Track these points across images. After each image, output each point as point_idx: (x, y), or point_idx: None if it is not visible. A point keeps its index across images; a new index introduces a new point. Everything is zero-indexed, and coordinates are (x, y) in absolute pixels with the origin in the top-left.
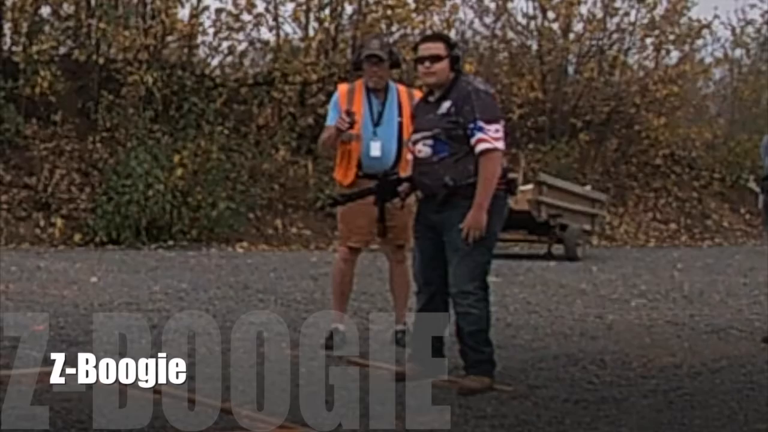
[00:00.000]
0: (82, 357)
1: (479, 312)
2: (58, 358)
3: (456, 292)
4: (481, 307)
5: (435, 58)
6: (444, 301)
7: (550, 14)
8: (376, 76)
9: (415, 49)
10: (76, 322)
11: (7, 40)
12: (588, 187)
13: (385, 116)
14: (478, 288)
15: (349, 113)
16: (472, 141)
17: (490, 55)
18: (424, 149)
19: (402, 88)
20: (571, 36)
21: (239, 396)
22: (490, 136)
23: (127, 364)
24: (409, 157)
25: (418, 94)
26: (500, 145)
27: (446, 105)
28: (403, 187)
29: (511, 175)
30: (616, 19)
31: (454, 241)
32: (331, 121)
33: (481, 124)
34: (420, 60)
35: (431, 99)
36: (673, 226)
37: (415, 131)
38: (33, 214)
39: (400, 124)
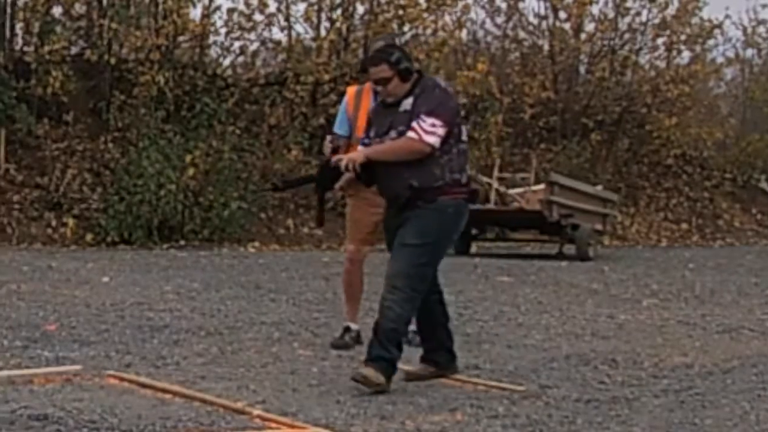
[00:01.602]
0: (92, 356)
1: (400, 311)
2: (70, 357)
3: (386, 284)
4: (405, 308)
5: (383, 81)
6: (438, 300)
7: (562, 14)
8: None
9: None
10: (87, 321)
11: (19, 40)
12: (599, 187)
13: None
14: (407, 287)
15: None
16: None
17: (502, 55)
18: None
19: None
20: (583, 36)
21: (251, 396)
22: (421, 127)
23: (137, 363)
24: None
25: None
26: (429, 138)
27: (408, 101)
28: (344, 179)
29: (474, 186)
30: (627, 19)
31: (404, 237)
32: (338, 126)
33: (422, 115)
34: (374, 83)
35: (390, 101)
36: (684, 226)
37: (376, 135)
38: (45, 214)
39: None
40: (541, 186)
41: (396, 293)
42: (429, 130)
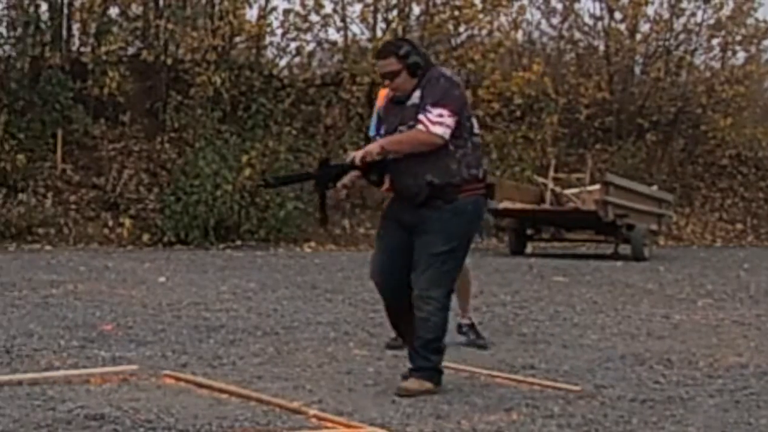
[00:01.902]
0: (149, 356)
1: (438, 320)
2: (126, 357)
3: (420, 296)
4: (442, 315)
5: (391, 75)
6: (408, 297)
7: (617, 15)
8: None
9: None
10: (144, 321)
11: (76, 40)
12: (654, 188)
13: None
14: (443, 296)
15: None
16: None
17: (557, 55)
18: None
19: None
20: (638, 36)
21: (307, 395)
22: (428, 119)
23: (194, 363)
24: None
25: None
26: (437, 129)
27: (417, 95)
28: (348, 177)
29: (490, 180)
30: (682, 20)
31: (429, 245)
32: (373, 129)
33: (427, 106)
34: (381, 77)
35: (399, 96)
36: (739, 226)
37: (386, 133)
38: (101, 214)
39: None
40: (597, 186)
41: (432, 303)
42: (436, 121)
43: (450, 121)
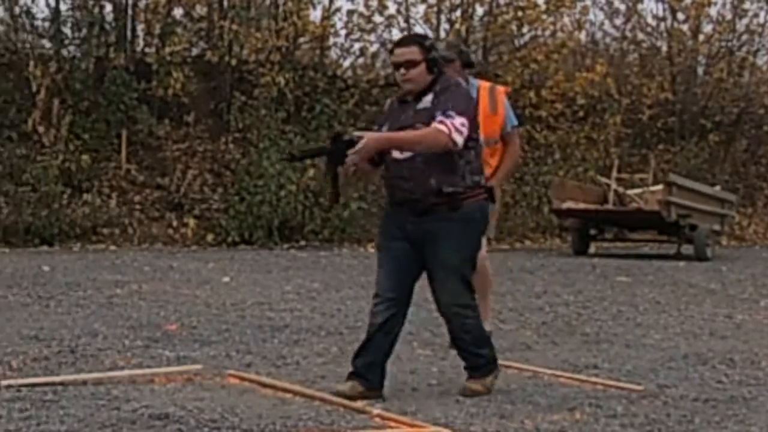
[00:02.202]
0: (213, 356)
1: (474, 320)
2: (191, 357)
3: (455, 305)
4: (474, 315)
5: (410, 64)
6: (404, 315)
7: (680, 15)
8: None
9: (391, 52)
10: (208, 321)
11: (140, 41)
12: (717, 188)
13: None
14: (470, 299)
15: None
16: (434, 121)
17: (620, 56)
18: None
19: (483, 84)
20: (701, 37)
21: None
22: (453, 124)
23: (258, 362)
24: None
25: (501, 90)
26: (457, 137)
27: (428, 98)
28: (356, 151)
29: (490, 183)
30: (745, 21)
31: (444, 258)
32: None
33: (451, 112)
34: (395, 66)
35: (408, 98)
36: None
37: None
38: (166, 215)
39: None
40: (660, 186)
41: (468, 309)
42: (459, 129)
43: (467, 132)
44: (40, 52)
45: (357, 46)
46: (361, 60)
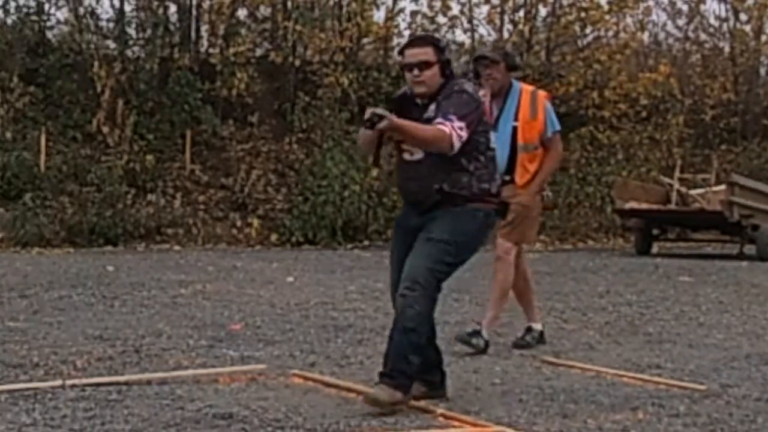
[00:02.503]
0: (277, 355)
1: (420, 309)
2: (255, 356)
3: (405, 282)
4: (425, 306)
5: (424, 65)
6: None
7: (743, 16)
8: (491, 78)
9: (401, 52)
10: (272, 321)
11: (205, 42)
12: None
13: (501, 122)
14: (429, 284)
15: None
16: (434, 121)
17: (683, 56)
18: (416, 152)
19: (526, 89)
20: (764, 38)
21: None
22: (453, 127)
23: (321, 362)
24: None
25: (542, 95)
26: (455, 141)
27: (432, 107)
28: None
29: (505, 198)
30: None
31: (432, 231)
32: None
33: (452, 116)
34: (407, 67)
35: (419, 101)
36: None
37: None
38: (230, 215)
39: (514, 129)
40: (722, 187)
41: (417, 289)
42: (458, 133)
43: (465, 137)
44: (105, 52)
45: None
46: None
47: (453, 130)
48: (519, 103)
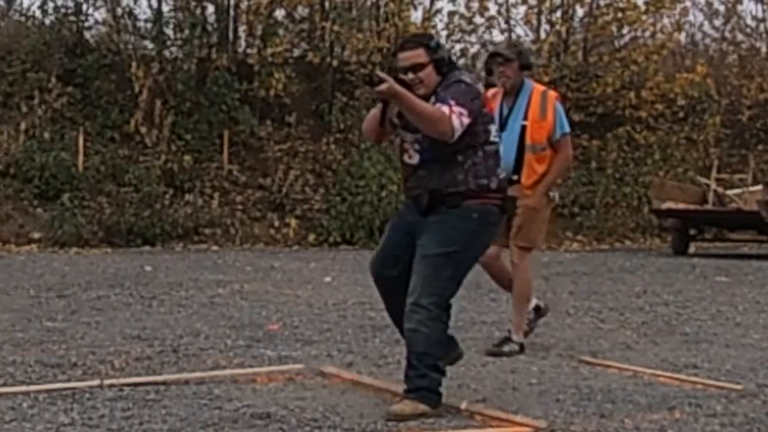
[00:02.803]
0: (314, 355)
1: (429, 331)
2: (292, 356)
3: (410, 304)
4: (433, 327)
5: (418, 67)
6: (403, 295)
7: None
8: (503, 75)
9: (394, 55)
10: (310, 321)
11: (242, 42)
12: None
13: (510, 120)
14: (433, 305)
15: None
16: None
17: (720, 57)
18: (414, 155)
19: (537, 88)
20: None
21: (471, 394)
22: (452, 110)
23: (359, 362)
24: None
25: (553, 96)
26: (455, 122)
27: (432, 101)
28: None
29: (510, 193)
30: None
31: (425, 247)
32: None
33: (450, 100)
34: (402, 71)
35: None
36: None
37: (405, 129)
38: (267, 215)
39: (523, 128)
40: (759, 187)
41: (421, 313)
42: (459, 118)
43: (466, 122)
44: (143, 53)
45: (458, 47)
46: (461, 61)
47: (452, 112)
48: (529, 102)
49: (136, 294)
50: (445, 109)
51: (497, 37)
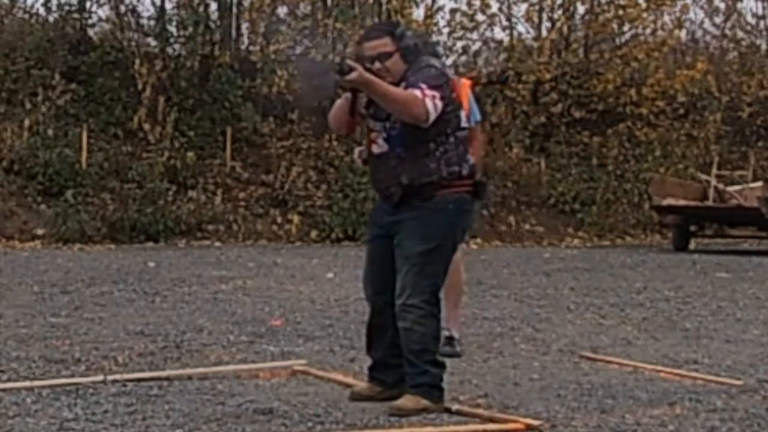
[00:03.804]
0: (317, 351)
1: (424, 329)
2: (295, 352)
3: (400, 305)
4: (427, 324)
5: (384, 56)
6: (394, 314)
7: None
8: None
9: (359, 43)
10: (312, 317)
11: (245, 39)
12: None
13: None
14: (425, 303)
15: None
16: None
17: (720, 54)
18: (381, 144)
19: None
20: None
21: (473, 390)
22: (424, 92)
23: (361, 358)
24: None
25: (466, 83)
26: (429, 104)
27: (402, 87)
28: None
29: (480, 178)
30: None
31: (406, 248)
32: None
33: (421, 84)
34: (368, 60)
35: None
36: None
37: (376, 119)
38: (270, 211)
39: None
40: (759, 183)
41: (413, 312)
42: (432, 101)
43: (439, 106)
44: (146, 50)
45: (459, 44)
46: (463, 58)
47: (425, 96)
48: None
49: (139, 290)
50: (418, 92)
51: (499, 34)
